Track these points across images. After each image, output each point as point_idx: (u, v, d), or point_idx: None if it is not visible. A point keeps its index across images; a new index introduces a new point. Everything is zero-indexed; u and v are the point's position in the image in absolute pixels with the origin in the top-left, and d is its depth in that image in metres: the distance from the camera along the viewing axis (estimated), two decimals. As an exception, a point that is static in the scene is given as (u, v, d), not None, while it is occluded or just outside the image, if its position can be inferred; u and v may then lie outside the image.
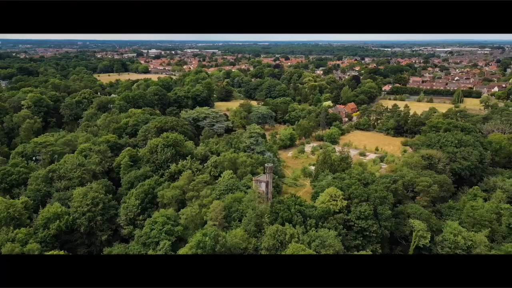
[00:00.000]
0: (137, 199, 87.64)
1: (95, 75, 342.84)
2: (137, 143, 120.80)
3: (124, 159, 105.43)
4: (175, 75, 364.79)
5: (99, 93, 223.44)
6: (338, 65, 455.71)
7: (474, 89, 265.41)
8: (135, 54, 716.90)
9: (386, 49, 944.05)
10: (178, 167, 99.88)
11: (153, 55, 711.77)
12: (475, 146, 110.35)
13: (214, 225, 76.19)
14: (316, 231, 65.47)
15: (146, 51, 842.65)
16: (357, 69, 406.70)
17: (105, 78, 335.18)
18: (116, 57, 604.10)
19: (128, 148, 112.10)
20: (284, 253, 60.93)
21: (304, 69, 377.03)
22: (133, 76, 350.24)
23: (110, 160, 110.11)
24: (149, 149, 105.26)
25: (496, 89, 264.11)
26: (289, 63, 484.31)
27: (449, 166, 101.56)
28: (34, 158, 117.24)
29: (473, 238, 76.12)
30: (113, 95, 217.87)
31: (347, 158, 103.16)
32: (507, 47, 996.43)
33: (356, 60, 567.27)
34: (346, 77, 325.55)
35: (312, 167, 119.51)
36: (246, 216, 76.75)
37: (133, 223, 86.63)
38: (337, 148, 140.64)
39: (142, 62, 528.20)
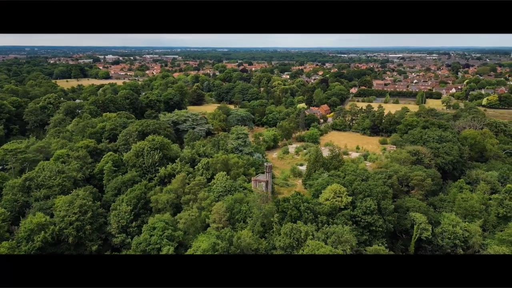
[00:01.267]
0: (129, 205, 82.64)
1: (52, 81, 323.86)
2: (117, 148, 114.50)
3: (107, 165, 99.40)
4: (138, 80, 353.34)
5: (62, 98, 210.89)
6: (302, 70, 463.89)
7: (434, 91, 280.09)
8: (91, 60, 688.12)
9: (342, 55, 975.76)
10: (168, 170, 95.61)
11: (111, 61, 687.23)
12: (454, 141, 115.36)
13: (218, 227, 73.31)
14: (329, 228, 64.59)
15: (102, 56, 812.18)
16: (320, 74, 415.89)
17: (63, 84, 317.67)
18: (70, 62, 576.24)
19: (110, 153, 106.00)
20: (301, 251, 59.52)
21: (270, 74, 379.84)
22: (93, 82, 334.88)
23: (91, 166, 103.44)
24: (135, 152, 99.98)
25: (453, 90, 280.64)
26: (253, 68, 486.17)
27: (434, 161, 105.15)
28: (0, 167, 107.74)
29: (468, 228, 78.85)
30: (77, 100, 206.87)
31: (338, 156, 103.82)
32: (452, 53, 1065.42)
33: (317, 65, 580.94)
34: (313, 81, 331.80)
35: (301, 167, 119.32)
36: (250, 217, 74.71)
37: (126, 231, 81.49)
38: (322, 148, 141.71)
39: (101, 67, 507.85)
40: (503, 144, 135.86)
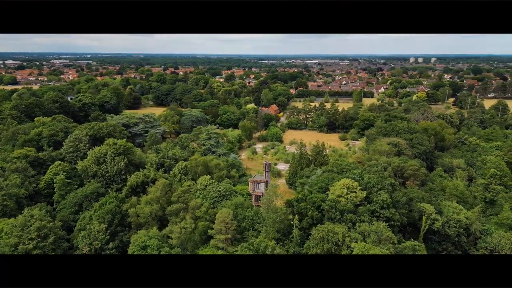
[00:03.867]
0: (103, 222, 66.66)
1: None
2: (63, 156, 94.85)
3: (58, 176, 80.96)
4: (55, 84, 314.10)
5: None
6: (233, 73, 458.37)
7: (366, 90, 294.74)
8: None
9: (263, 61, 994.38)
10: (140, 178, 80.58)
11: (13, 66, 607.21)
12: (421, 132, 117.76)
13: (226, 239, 61.97)
14: (364, 226, 57.67)
15: (1, 62, 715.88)
16: (252, 77, 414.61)
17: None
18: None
19: (58, 162, 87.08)
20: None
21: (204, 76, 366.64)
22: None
23: (35, 180, 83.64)
24: (95, 159, 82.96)
25: (382, 90, 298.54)
26: (181, 72, 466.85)
27: (411, 152, 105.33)
28: None
29: (467, 215, 78.29)
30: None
31: (322, 152, 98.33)
32: (360, 59, 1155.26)
33: (244, 69, 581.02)
34: (248, 83, 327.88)
35: (278, 167, 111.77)
36: (258, 223, 64.84)
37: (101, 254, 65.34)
38: (287, 147, 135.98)
39: (3, 73, 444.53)
40: (452, 134, 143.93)
